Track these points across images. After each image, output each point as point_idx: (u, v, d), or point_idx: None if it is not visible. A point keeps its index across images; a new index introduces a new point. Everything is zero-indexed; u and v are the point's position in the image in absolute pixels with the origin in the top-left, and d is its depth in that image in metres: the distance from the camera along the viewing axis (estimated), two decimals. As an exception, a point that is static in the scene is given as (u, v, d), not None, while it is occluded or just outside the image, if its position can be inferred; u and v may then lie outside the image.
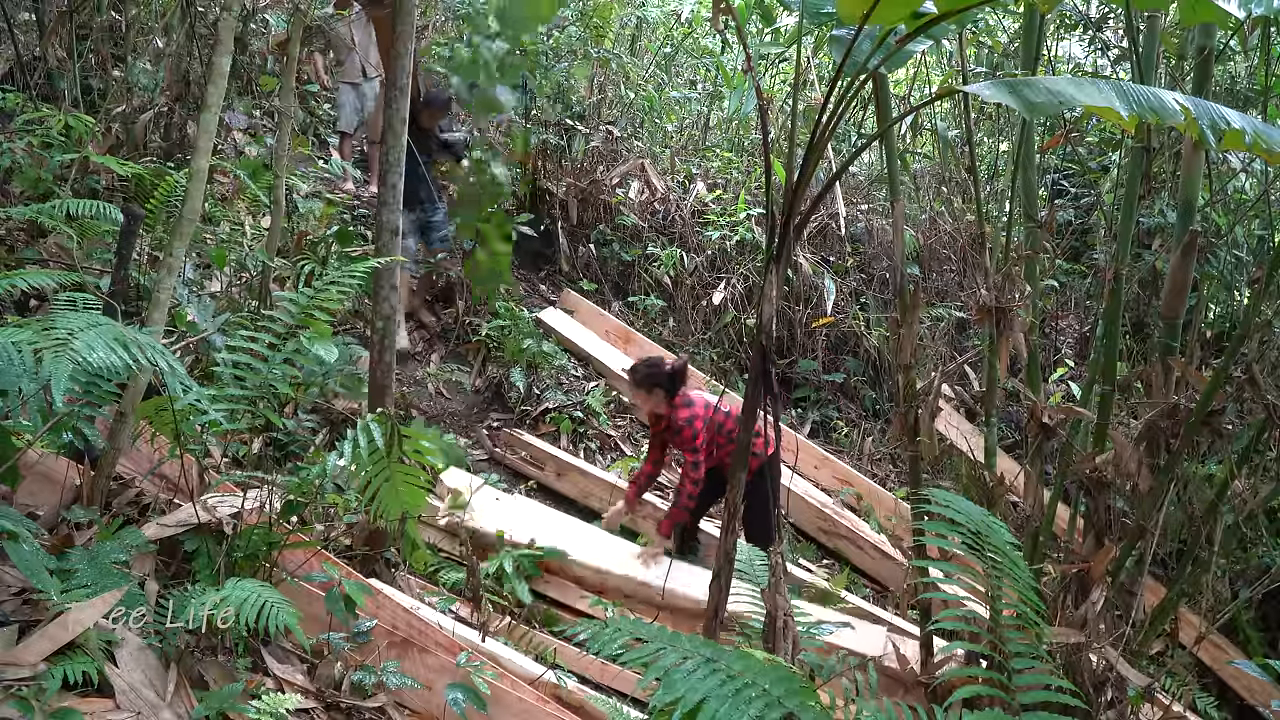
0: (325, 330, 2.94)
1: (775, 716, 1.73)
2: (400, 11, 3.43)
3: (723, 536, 2.78)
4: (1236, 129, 2.36)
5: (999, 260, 3.76)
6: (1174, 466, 3.00)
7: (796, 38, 6.00)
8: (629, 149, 8.11)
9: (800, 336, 7.23)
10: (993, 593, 2.17)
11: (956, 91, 2.69)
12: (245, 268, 5.02)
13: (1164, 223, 6.09)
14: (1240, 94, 6.48)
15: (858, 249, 7.79)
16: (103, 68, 6.20)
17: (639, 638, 1.95)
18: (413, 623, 3.01)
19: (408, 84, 3.50)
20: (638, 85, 8.34)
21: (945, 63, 8.67)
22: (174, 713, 2.27)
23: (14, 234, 4.60)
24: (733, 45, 8.69)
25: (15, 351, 2.03)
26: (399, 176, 3.54)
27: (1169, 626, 3.15)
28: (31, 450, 2.72)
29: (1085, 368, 6.57)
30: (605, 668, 3.57)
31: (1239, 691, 4.73)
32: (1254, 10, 2.81)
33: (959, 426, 6.12)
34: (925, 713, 2.01)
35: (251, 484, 3.01)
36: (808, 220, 4.42)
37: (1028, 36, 3.86)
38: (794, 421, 6.82)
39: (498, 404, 5.75)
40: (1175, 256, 3.24)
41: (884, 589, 5.35)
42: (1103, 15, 7.27)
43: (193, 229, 2.97)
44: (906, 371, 3.37)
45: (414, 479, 2.68)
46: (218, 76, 3.01)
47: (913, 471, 3.50)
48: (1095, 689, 2.85)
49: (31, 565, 2.18)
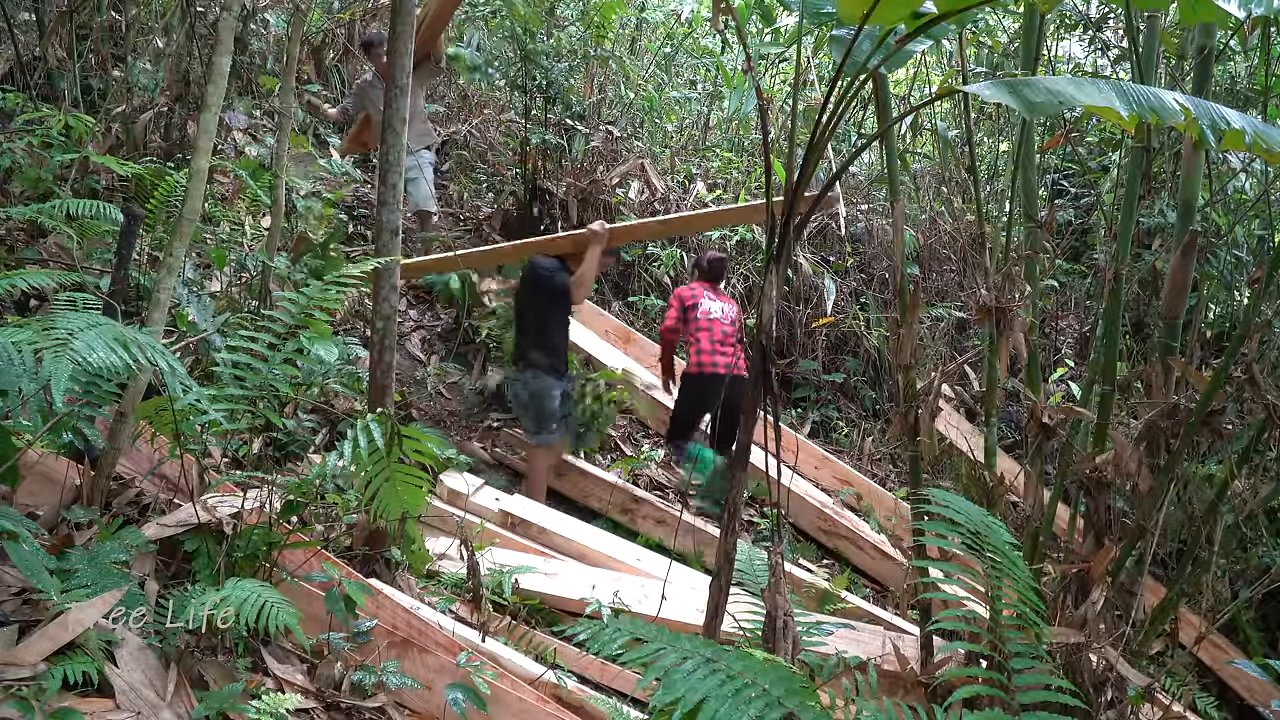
0: (325, 330, 2.94)
1: (775, 716, 1.73)
2: (400, 11, 3.43)
3: (722, 536, 2.78)
4: (1236, 129, 2.36)
5: (999, 260, 3.76)
6: (1174, 466, 3.00)
7: (796, 38, 6.00)
8: (629, 149, 8.12)
9: (800, 336, 7.23)
10: (992, 593, 2.17)
11: (956, 91, 2.69)
12: (245, 268, 5.02)
13: (1164, 223, 6.09)
14: (1240, 94, 6.47)
15: (858, 249, 7.79)
16: (103, 68, 6.20)
17: (639, 638, 1.95)
18: (413, 623, 3.01)
19: (408, 84, 3.50)
20: (638, 85, 8.34)
21: (945, 63, 8.67)
22: (174, 713, 2.27)
23: (14, 234, 4.60)
24: (733, 45, 8.69)
25: (15, 351, 2.03)
26: (399, 176, 3.54)
27: (1169, 626, 3.15)
28: (31, 450, 2.72)
29: (1085, 368, 6.57)
30: (605, 668, 3.57)
31: (1239, 691, 4.73)
32: (1254, 10, 2.80)
33: (959, 426, 6.12)
34: (925, 713, 2.01)
35: (251, 484, 3.01)
36: (808, 220, 4.43)
37: (1028, 36, 3.86)
38: (794, 421, 6.82)
39: (498, 404, 5.75)
40: (1175, 256, 3.24)
41: (884, 589, 5.35)
42: (1103, 15, 7.27)
43: (193, 229, 2.97)
44: (906, 371, 3.37)
45: (414, 479, 2.68)
46: (218, 76, 3.01)
47: (913, 471, 3.50)
48: (1095, 689, 2.85)
49: (31, 565, 2.18)
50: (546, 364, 4.91)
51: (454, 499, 4.55)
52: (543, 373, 4.89)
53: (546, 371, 4.90)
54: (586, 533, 4.68)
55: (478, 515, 4.50)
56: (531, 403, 4.90)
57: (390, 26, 3.48)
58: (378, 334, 3.55)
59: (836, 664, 3.25)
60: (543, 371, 4.89)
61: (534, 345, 4.94)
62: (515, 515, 4.59)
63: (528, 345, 4.96)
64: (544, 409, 4.89)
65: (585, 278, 4.97)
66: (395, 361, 3.58)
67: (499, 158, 8.00)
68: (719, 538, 2.80)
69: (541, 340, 4.94)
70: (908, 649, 3.70)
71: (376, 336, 3.55)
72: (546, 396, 4.88)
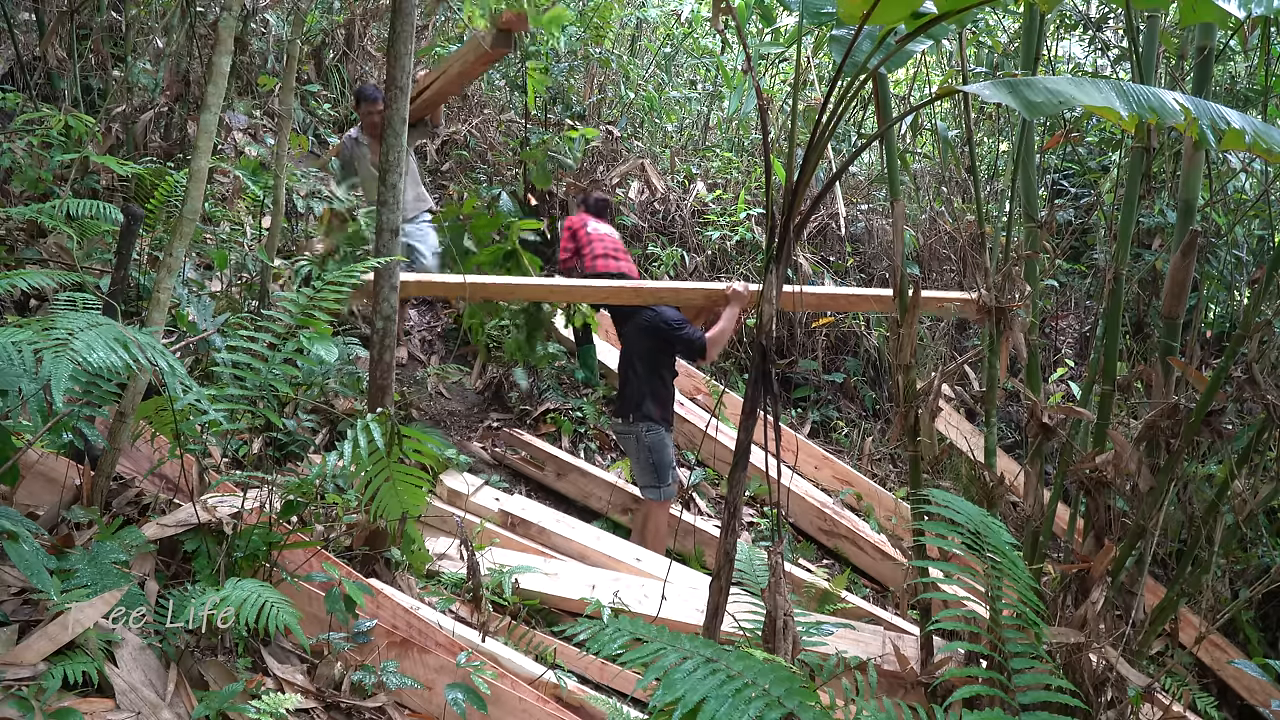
0: (325, 330, 2.94)
1: (775, 716, 1.73)
2: (400, 12, 3.43)
3: (722, 536, 2.78)
4: (1236, 129, 2.36)
5: (999, 260, 3.77)
6: (1174, 466, 3.00)
7: (796, 38, 6.00)
8: (629, 149, 8.12)
9: (800, 336, 7.23)
10: (992, 593, 2.17)
11: (956, 91, 2.69)
12: (245, 268, 5.02)
13: (1164, 223, 6.09)
14: (1240, 94, 6.47)
15: (858, 249, 7.79)
16: (103, 68, 6.20)
17: (639, 638, 1.95)
18: (413, 623, 3.01)
19: (408, 84, 3.50)
20: (638, 85, 8.34)
21: (945, 63, 8.67)
22: (174, 713, 2.27)
23: (14, 234, 4.60)
24: (733, 45, 8.69)
25: (15, 351, 2.02)
26: (399, 176, 3.55)
27: (1169, 626, 3.15)
28: (31, 450, 2.73)
29: (1085, 368, 6.56)
30: (605, 668, 3.57)
31: (1239, 691, 4.73)
32: (1254, 10, 2.80)
33: (959, 426, 6.12)
34: (925, 713, 2.01)
35: (251, 484, 3.01)
36: (808, 220, 4.43)
37: (1028, 36, 3.86)
38: (794, 421, 6.83)
39: (498, 404, 5.75)
40: (1175, 256, 3.23)
41: (884, 589, 5.36)
42: (1103, 15, 7.28)
43: (193, 229, 2.96)
44: (906, 371, 3.37)
45: (414, 479, 2.68)
46: (218, 76, 3.01)
47: (913, 471, 3.50)
48: (1095, 689, 2.85)
49: (31, 565, 2.18)
50: (659, 415, 4.73)
51: (454, 499, 4.55)
52: (655, 424, 4.72)
53: (658, 422, 4.73)
54: (586, 533, 4.68)
55: (478, 515, 4.50)
56: (650, 455, 4.71)
57: (390, 27, 3.48)
58: (378, 334, 3.55)
59: (836, 664, 3.25)
60: (655, 422, 4.72)
61: (648, 396, 4.73)
62: (515, 515, 4.59)
63: (640, 395, 4.74)
64: (663, 460, 4.71)
65: (722, 337, 4.64)
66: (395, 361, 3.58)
67: (499, 157, 8.00)
68: (719, 538, 2.80)
69: (656, 391, 4.77)
70: (908, 649, 3.70)
71: (376, 336, 3.56)
72: (664, 448, 4.73)
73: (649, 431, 4.70)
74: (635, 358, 4.83)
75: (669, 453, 4.76)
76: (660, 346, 4.76)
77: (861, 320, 7.32)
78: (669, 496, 4.78)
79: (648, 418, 4.70)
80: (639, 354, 4.82)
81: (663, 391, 4.80)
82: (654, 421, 4.71)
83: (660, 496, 4.76)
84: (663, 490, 4.74)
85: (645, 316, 4.79)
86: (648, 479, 4.77)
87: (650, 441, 4.70)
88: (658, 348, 4.77)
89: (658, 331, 4.73)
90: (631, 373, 4.82)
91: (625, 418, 4.78)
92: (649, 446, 4.70)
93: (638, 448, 4.75)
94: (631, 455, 4.92)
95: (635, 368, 4.81)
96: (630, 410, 4.75)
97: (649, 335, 4.77)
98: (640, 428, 4.71)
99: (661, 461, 4.71)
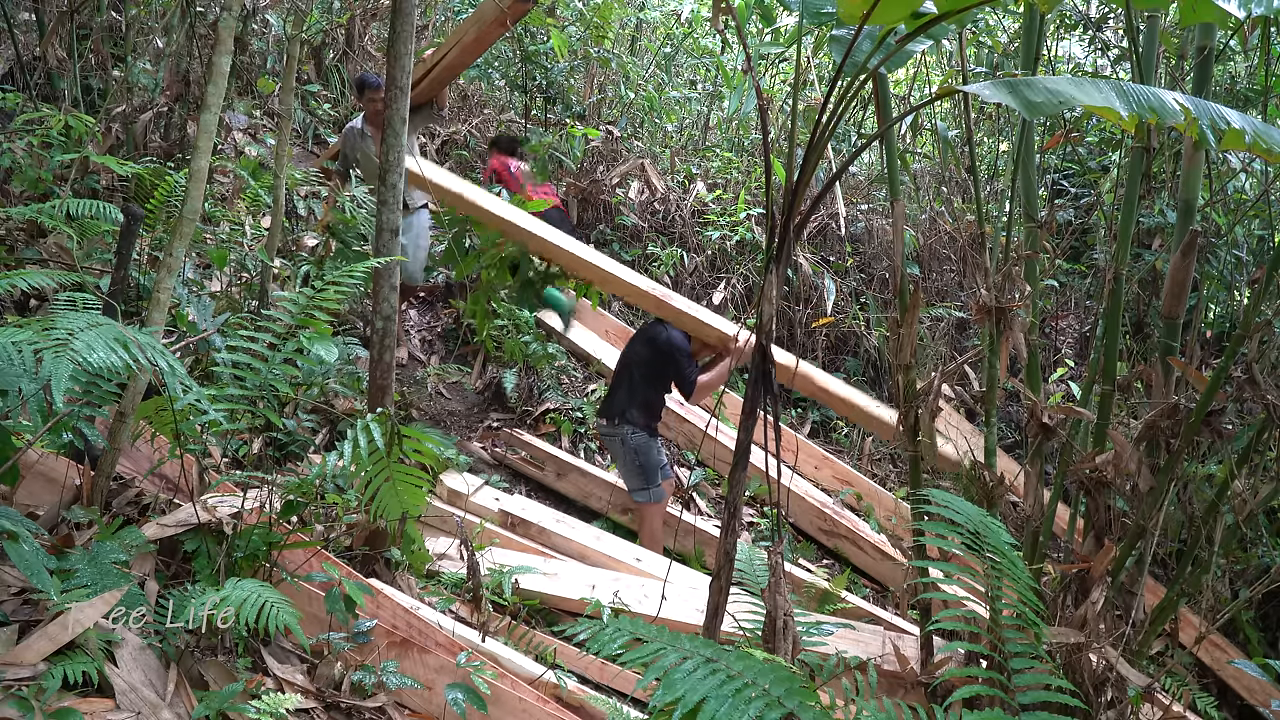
0: (325, 330, 2.94)
1: (775, 716, 1.73)
2: (400, 12, 3.43)
3: (722, 536, 2.78)
4: (1236, 129, 2.36)
5: (999, 260, 3.76)
6: (1174, 466, 3.00)
7: (796, 38, 6.00)
8: (629, 149, 8.12)
9: (800, 336, 7.23)
10: (992, 593, 2.17)
11: (956, 91, 2.69)
12: (245, 268, 5.02)
13: (1164, 223, 6.09)
14: (1240, 94, 6.47)
15: (858, 249, 7.79)
16: (103, 68, 6.20)
17: (639, 638, 1.95)
18: (413, 623, 3.01)
19: (408, 84, 3.50)
20: (638, 85, 8.34)
21: (945, 63, 8.67)
22: (174, 713, 2.27)
23: (14, 234, 4.60)
24: (733, 45, 8.69)
25: (15, 351, 2.02)
26: (399, 176, 3.55)
27: (1169, 626, 3.15)
28: (31, 450, 2.73)
29: (1085, 368, 6.56)
30: (605, 668, 3.57)
31: (1239, 691, 4.73)
32: (1254, 10, 2.80)
33: (959, 426, 6.11)
34: (925, 713, 2.01)
35: (251, 484, 3.01)
36: (808, 220, 4.43)
37: (1028, 36, 3.85)
38: (794, 421, 6.83)
39: (498, 404, 5.75)
40: (1175, 256, 3.23)
41: (884, 589, 5.36)
42: (1103, 15, 7.27)
43: (193, 229, 2.97)
44: (906, 371, 3.37)
45: (414, 479, 2.68)
46: (218, 76, 3.01)
47: (913, 471, 3.50)
48: (1095, 689, 2.85)
49: (31, 565, 2.18)
50: (643, 422, 4.75)
51: (454, 499, 4.56)
52: (639, 429, 4.73)
53: (642, 428, 4.75)
54: (586, 533, 4.69)
55: (478, 515, 4.50)
56: (636, 457, 4.73)
57: (390, 27, 3.48)
58: (378, 334, 3.55)
59: (836, 664, 3.25)
60: (638, 428, 4.73)
61: (639, 403, 4.76)
62: (515, 515, 4.59)
63: (629, 401, 4.77)
64: (649, 462, 4.74)
65: (712, 385, 4.71)
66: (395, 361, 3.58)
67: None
68: (719, 538, 2.80)
69: (649, 400, 4.78)
70: (908, 649, 3.70)
71: (376, 336, 3.56)
72: (649, 450, 4.74)
73: (633, 434, 4.72)
74: (635, 365, 4.84)
75: (655, 455, 4.78)
76: (662, 363, 4.78)
77: (861, 320, 7.32)
78: (659, 498, 4.80)
79: (632, 422, 4.73)
80: (639, 362, 4.84)
81: (654, 402, 4.82)
82: (636, 427, 4.73)
83: (650, 499, 4.78)
84: (652, 492, 4.76)
85: (657, 331, 4.83)
86: (636, 482, 4.79)
87: (635, 444, 4.72)
88: (659, 363, 4.78)
89: (663, 351, 4.76)
90: (627, 377, 4.84)
91: (610, 420, 4.81)
92: (634, 449, 4.73)
93: (623, 450, 4.77)
94: (617, 458, 4.94)
95: (633, 374, 4.82)
96: (616, 414, 4.78)
97: (654, 350, 4.80)
98: (624, 430, 4.73)
99: (648, 464, 4.73)
